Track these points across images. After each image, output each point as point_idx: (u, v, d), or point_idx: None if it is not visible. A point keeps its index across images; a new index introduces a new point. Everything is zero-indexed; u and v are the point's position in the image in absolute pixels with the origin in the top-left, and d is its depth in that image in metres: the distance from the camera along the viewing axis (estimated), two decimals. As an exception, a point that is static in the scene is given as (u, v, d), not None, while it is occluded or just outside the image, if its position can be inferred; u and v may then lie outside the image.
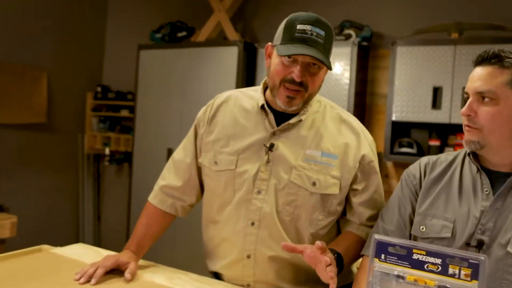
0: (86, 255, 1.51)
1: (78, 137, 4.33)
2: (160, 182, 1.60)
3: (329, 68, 1.32)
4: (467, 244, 1.18)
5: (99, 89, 4.22)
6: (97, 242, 4.47)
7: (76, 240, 4.32)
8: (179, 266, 1.58)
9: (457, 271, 0.91)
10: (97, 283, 1.30)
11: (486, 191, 1.21)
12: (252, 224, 1.41)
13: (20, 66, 3.80)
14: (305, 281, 1.45)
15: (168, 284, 1.37)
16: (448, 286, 0.91)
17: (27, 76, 3.84)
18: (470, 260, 0.90)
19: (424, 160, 1.38)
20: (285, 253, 1.39)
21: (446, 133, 3.01)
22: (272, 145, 1.40)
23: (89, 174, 4.40)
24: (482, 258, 0.89)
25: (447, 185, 1.29)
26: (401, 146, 3.03)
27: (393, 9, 3.33)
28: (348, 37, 3.20)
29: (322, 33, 1.29)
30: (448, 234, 1.22)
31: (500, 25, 2.85)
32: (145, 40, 3.96)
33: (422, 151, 3.04)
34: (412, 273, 0.94)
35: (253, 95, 1.49)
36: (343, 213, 1.50)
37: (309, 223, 1.41)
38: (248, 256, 1.42)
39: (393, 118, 2.99)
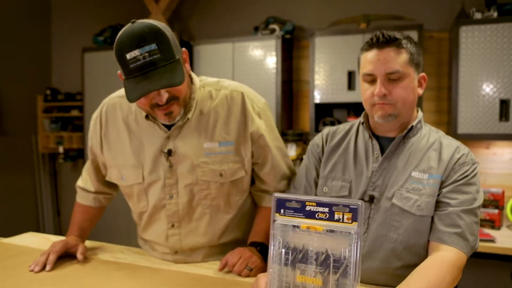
0: (33, 242, 1.48)
1: (31, 138, 4.18)
2: (79, 182, 1.56)
3: (178, 84, 1.12)
4: (362, 200, 1.24)
5: (48, 92, 4.08)
6: (59, 234, 4.32)
7: (38, 235, 4.18)
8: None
9: (341, 216, 0.97)
10: (52, 269, 1.25)
11: (376, 154, 1.27)
12: (172, 226, 1.36)
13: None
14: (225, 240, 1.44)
15: (112, 259, 1.40)
16: (333, 229, 0.96)
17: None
18: (351, 206, 0.95)
19: (325, 130, 1.42)
20: (212, 241, 1.38)
21: (361, 110, 3.10)
22: (170, 151, 1.29)
23: (45, 172, 4.26)
24: (359, 203, 0.94)
25: (345, 151, 1.34)
26: (325, 124, 3.14)
27: (312, 5, 3.42)
28: (272, 31, 3.25)
29: (153, 46, 1.09)
30: (346, 193, 1.28)
31: (399, 15, 2.99)
32: (89, 43, 3.86)
33: (343, 128, 3.13)
34: (305, 222, 0.99)
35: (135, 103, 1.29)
36: (252, 182, 1.45)
37: (229, 207, 1.39)
38: (176, 252, 1.39)
39: (316, 101, 3.08)
